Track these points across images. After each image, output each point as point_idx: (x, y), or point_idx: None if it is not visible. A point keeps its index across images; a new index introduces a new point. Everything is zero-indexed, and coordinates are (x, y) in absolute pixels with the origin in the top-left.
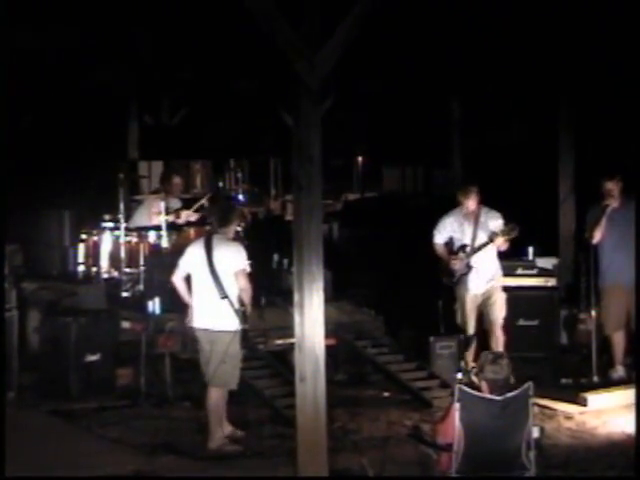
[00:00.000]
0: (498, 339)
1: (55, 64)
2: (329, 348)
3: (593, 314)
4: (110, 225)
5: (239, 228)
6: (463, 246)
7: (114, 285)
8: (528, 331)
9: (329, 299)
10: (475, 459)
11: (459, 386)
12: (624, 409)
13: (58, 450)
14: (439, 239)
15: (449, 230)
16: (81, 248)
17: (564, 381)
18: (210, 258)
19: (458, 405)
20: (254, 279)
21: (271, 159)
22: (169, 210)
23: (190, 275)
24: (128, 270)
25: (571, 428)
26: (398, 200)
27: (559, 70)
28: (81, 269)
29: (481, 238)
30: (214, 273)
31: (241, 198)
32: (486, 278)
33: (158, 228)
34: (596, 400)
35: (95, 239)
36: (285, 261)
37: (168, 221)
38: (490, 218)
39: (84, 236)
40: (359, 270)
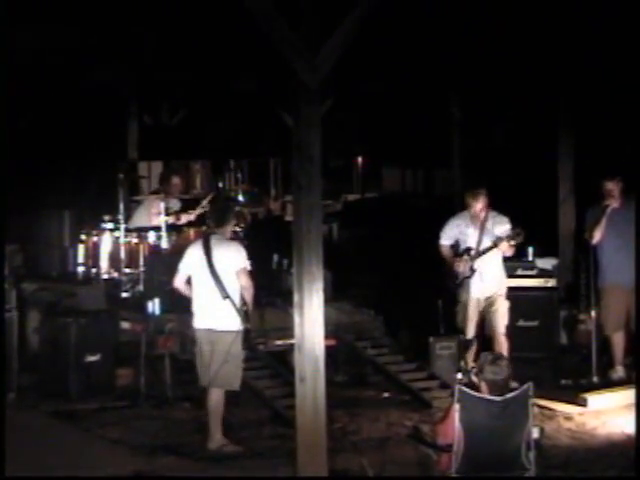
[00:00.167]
0: (502, 345)
1: (55, 64)
2: (329, 349)
3: (593, 314)
4: (110, 226)
5: (239, 229)
6: (468, 249)
7: (114, 286)
8: (528, 332)
9: (329, 300)
10: (475, 460)
11: (459, 387)
12: (624, 409)
13: (58, 451)
14: (445, 240)
15: (455, 232)
16: (81, 249)
17: (564, 382)
18: (210, 258)
19: (458, 406)
20: (254, 279)
21: (271, 159)
22: (169, 211)
23: (190, 277)
24: (128, 271)
25: (571, 428)
26: (398, 201)
27: (559, 70)
28: (81, 270)
29: (486, 242)
30: (214, 273)
31: (241, 198)
32: (489, 283)
33: (158, 229)
34: (596, 401)
35: (95, 240)
36: (285, 261)
37: (168, 222)
38: (497, 223)
39: (84, 237)
40: (359, 271)
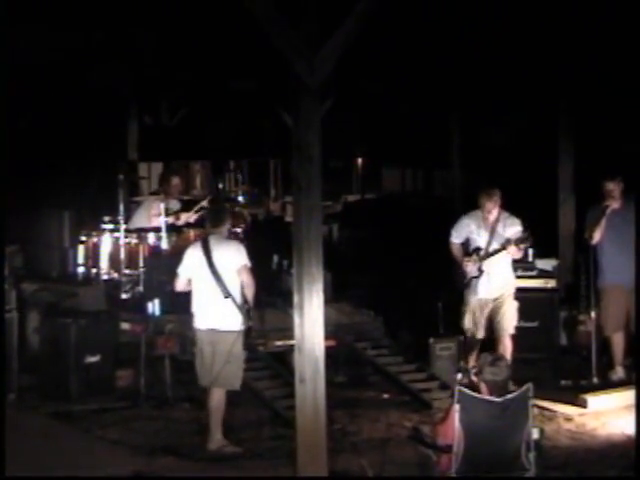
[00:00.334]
0: (506, 348)
1: (55, 64)
2: (329, 349)
3: (593, 315)
4: (110, 226)
5: (239, 229)
6: (477, 249)
7: (114, 286)
8: (528, 332)
9: (329, 300)
10: (475, 460)
11: (459, 387)
12: (624, 410)
13: (58, 451)
14: (456, 239)
15: (466, 231)
16: (81, 249)
17: (564, 382)
18: (210, 258)
19: (458, 406)
20: (254, 280)
21: (271, 160)
22: (168, 211)
23: (191, 279)
24: (128, 271)
25: (571, 429)
26: (398, 201)
27: (559, 71)
28: (81, 270)
29: (496, 243)
30: (215, 272)
31: (241, 199)
32: (497, 284)
33: (158, 229)
34: (596, 401)
35: (95, 240)
36: (285, 262)
37: (168, 222)
38: (509, 224)
39: (84, 237)
40: (359, 271)
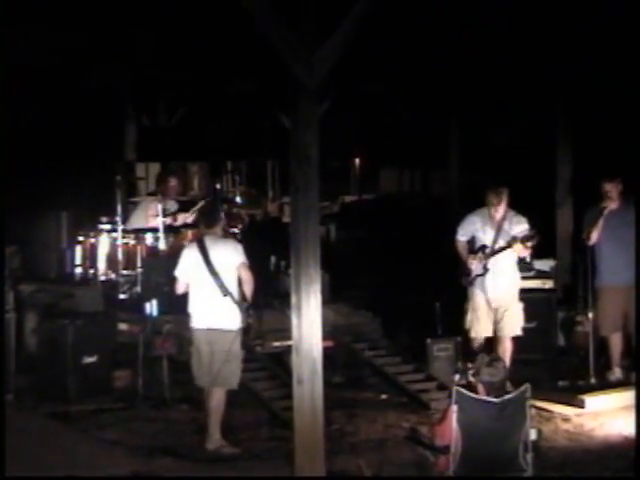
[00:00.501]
0: (506, 350)
1: (53, 65)
2: (326, 350)
3: (590, 316)
4: (107, 227)
5: (236, 230)
6: (483, 247)
7: (111, 287)
8: (525, 333)
9: (326, 301)
10: (472, 461)
11: (456, 388)
12: (621, 411)
13: (56, 452)
14: (461, 236)
15: (472, 228)
16: (78, 250)
17: (561, 383)
18: (207, 258)
19: (455, 407)
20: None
21: (268, 161)
22: (166, 212)
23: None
24: (125, 272)
25: (568, 430)
26: (396, 202)
27: (557, 72)
28: (78, 271)
29: (502, 241)
30: (213, 271)
31: (238, 200)
32: (502, 283)
33: (155, 230)
34: (593, 402)
35: (92, 241)
36: (282, 263)
37: (165, 223)
38: (515, 222)
39: (81, 238)
40: (356, 272)
